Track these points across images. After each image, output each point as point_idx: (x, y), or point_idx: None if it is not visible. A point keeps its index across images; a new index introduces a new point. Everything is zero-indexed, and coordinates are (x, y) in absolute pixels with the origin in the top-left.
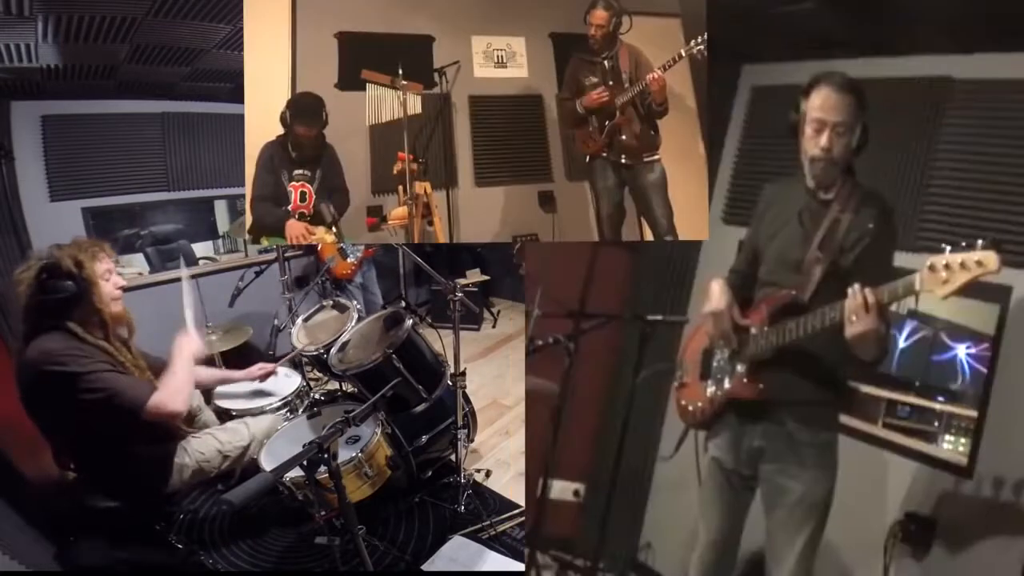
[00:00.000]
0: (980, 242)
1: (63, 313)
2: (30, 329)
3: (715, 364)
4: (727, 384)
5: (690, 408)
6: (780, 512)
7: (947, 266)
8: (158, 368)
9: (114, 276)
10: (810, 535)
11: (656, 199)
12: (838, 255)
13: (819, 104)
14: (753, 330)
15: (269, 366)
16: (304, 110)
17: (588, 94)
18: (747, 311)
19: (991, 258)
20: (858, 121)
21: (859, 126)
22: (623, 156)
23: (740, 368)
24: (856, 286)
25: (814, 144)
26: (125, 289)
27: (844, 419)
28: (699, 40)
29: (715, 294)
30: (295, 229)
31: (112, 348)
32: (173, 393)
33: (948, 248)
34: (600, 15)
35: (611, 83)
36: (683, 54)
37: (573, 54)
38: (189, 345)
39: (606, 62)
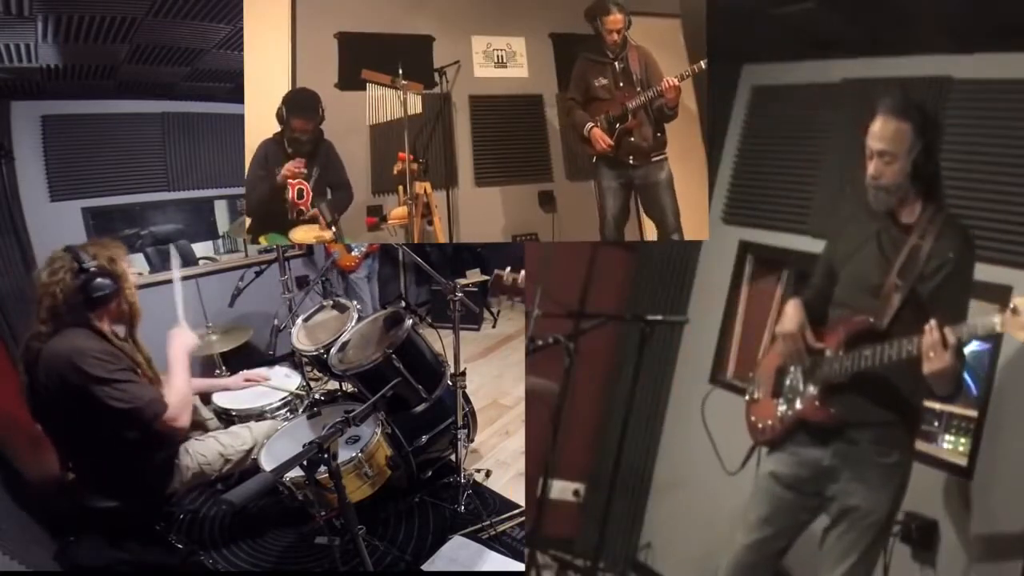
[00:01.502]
0: None
1: (94, 311)
2: (55, 327)
3: (787, 383)
4: (798, 405)
5: (760, 425)
6: (836, 530)
7: None
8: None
9: (131, 274)
10: (860, 558)
11: (666, 197)
12: (917, 283)
13: (872, 131)
14: (828, 353)
15: (255, 376)
16: (300, 104)
17: (596, 135)
18: (822, 333)
19: None
20: (913, 147)
21: (915, 151)
22: (631, 157)
23: (812, 390)
24: (933, 322)
25: (868, 170)
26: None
27: None
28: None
29: (789, 315)
30: (289, 169)
31: (133, 349)
32: (180, 407)
33: None
34: (617, 19)
35: (621, 85)
36: (703, 66)
37: (581, 54)
38: (184, 342)
39: (617, 64)
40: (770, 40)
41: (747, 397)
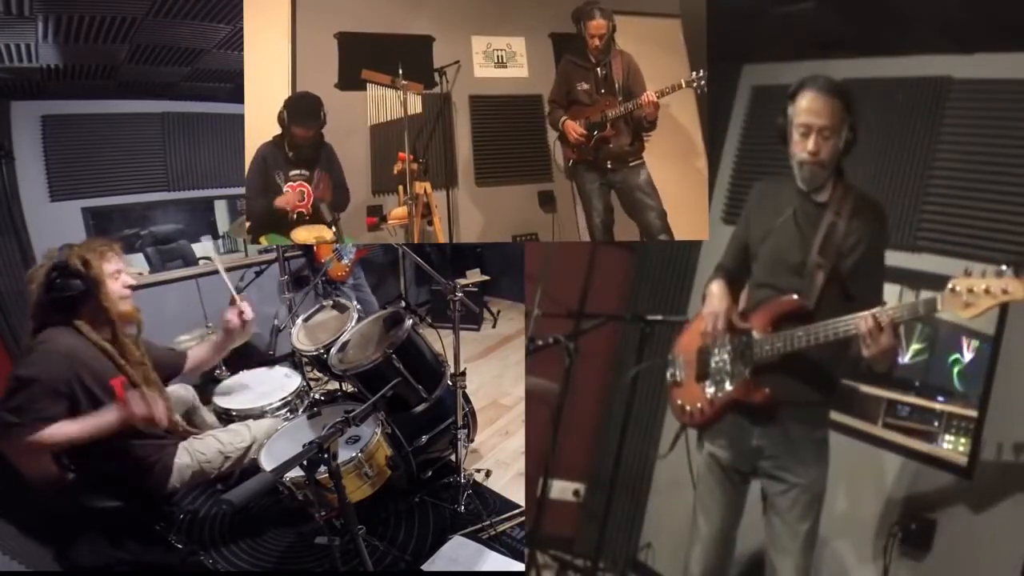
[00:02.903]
0: (1005, 268)
1: (71, 311)
2: (38, 325)
3: (713, 365)
4: (728, 386)
5: (687, 408)
6: (783, 506)
7: (971, 290)
8: (164, 359)
9: (123, 275)
10: (811, 526)
11: (647, 199)
12: (837, 260)
13: (805, 108)
14: (756, 335)
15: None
16: (302, 111)
17: (569, 125)
18: (747, 314)
19: (1018, 287)
20: (844, 124)
21: (845, 128)
22: (608, 162)
23: (744, 372)
24: (870, 312)
25: (802, 148)
26: (133, 288)
27: (844, 419)
28: (700, 74)
29: (715, 295)
30: (287, 199)
31: (114, 350)
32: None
33: (967, 271)
34: (600, 24)
35: (602, 91)
36: (683, 84)
37: (564, 56)
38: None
39: (599, 69)
40: (770, 40)
41: (668, 380)
